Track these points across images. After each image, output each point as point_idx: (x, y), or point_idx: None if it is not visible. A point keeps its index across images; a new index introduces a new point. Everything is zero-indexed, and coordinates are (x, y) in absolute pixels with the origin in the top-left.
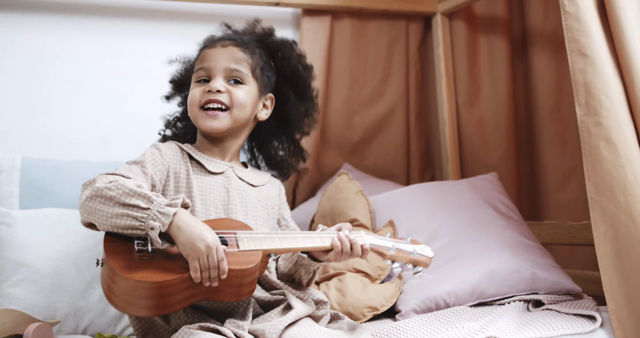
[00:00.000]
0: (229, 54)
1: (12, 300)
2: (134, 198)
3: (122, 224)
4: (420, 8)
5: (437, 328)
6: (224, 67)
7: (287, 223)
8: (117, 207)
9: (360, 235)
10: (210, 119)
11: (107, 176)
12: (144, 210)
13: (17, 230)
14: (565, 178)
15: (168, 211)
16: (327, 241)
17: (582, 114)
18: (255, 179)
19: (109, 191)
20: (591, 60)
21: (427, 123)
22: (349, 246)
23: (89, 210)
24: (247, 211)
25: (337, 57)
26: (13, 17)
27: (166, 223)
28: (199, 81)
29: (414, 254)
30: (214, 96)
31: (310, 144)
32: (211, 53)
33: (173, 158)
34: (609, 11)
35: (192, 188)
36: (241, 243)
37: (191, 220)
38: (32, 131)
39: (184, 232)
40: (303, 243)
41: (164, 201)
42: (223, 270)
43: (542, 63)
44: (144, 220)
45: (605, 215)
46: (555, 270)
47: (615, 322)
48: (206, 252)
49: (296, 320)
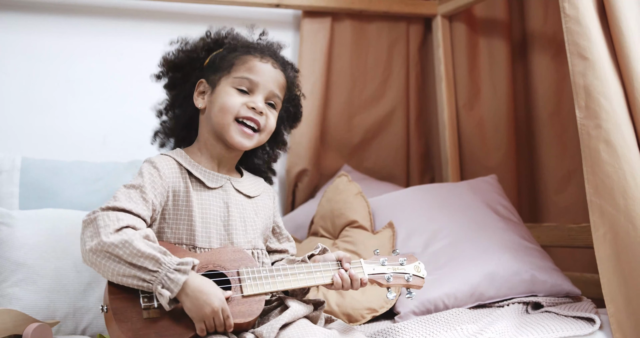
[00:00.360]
0: (277, 76)
1: (11, 300)
2: (142, 259)
3: (130, 283)
4: (421, 10)
5: (436, 330)
6: (269, 88)
7: (280, 231)
8: (124, 266)
9: (359, 265)
10: (244, 136)
11: (109, 215)
12: (152, 273)
13: (17, 230)
14: (565, 181)
15: (178, 280)
16: (328, 279)
17: (582, 117)
18: (252, 190)
19: (116, 248)
20: (591, 63)
21: (427, 125)
22: (349, 283)
23: (94, 263)
24: (246, 226)
25: (338, 59)
26: (13, 18)
27: (175, 292)
28: (239, 89)
29: (408, 278)
30: (256, 116)
31: (310, 146)
32: (263, 68)
33: (172, 177)
34: (609, 14)
35: (192, 206)
36: (244, 288)
37: (198, 285)
38: (32, 131)
39: (190, 298)
40: (305, 282)
41: (173, 264)
42: (229, 326)
43: (542, 66)
44: (152, 283)
45: (605, 218)
46: (555, 273)
47: (614, 324)
48: (212, 316)
49: (293, 320)
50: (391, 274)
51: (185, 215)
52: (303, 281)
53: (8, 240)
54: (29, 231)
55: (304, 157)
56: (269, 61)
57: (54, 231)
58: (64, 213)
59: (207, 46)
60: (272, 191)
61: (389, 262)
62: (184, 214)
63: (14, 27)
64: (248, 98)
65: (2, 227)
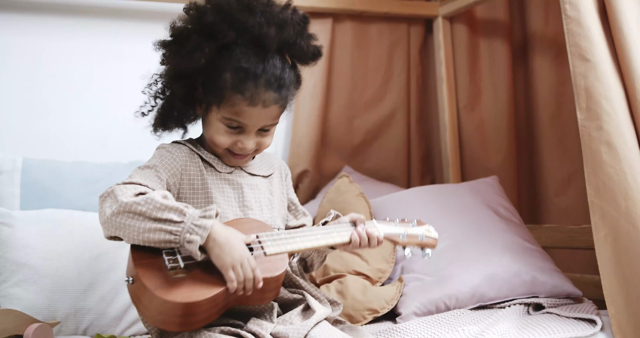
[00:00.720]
0: (269, 113)
1: (12, 300)
2: (166, 212)
3: (156, 238)
4: (422, 11)
5: (437, 331)
6: (261, 125)
7: (296, 208)
8: (149, 222)
9: (373, 225)
10: (239, 159)
11: (126, 186)
12: (178, 223)
13: (18, 231)
14: (566, 182)
15: (205, 224)
16: (346, 236)
17: (583, 119)
18: (264, 169)
19: (138, 206)
20: (592, 64)
21: (428, 126)
22: (366, 240)
23: (118, 226)
24: (262, 206)
25: (338, 60)
26: (13, 19)
27: (204, 236)
28: (228, 126)
29: (422, 237)
30: (246, 152)
31: (311, 147)
32: (251, 112)
33: (184, 160)
34: (610, 16)
35: (209, 189)
36: (266, 248)
37: (224, 231)
38: (33, 132)
39: (218, 243)
40: (324, 240)
41: (196, 213)
42: (257, 278)
43: (542, 67)
44: (179, 234)
45: (606, 219)
46: (556, 274)
47: (615, 326)
48: (240, 261)
49: (317, 322)
50: (405, 233)
51: (202, 195)
52: (322, 239)
53: (9, 240)
54: (30, 231)
55: (305, 158)
56: (259, 101)
57: (55, 231)
58: (64, 213)
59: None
60: (283, 167)
61: (400, 224)
62: (201, 195)
63: (14, 29)
64: (237, 137)
65: (3, 227)
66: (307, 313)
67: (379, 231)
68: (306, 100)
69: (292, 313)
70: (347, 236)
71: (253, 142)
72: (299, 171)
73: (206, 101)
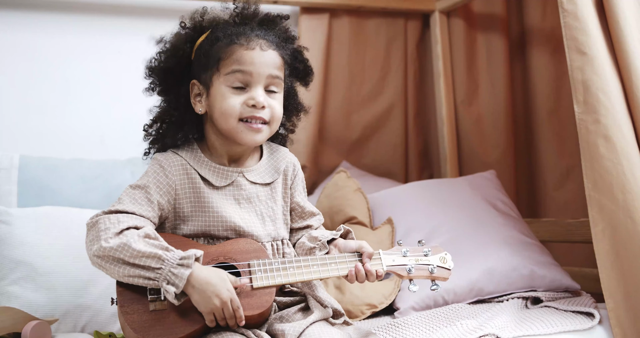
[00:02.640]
0: (271, 58)
1: (10, 298)
2: (144, 258)
3: (136, 282)
4: (419, 6)
5: (435, 326)
6: (265, 74)
7: (302, 209)
8: (128, 267)
9: (378, 257)
10: (254, 133)
11: (110, 217)
12: (156, 270)
13: (16, 228)
14: (564, 176)
15: (182, 274)
16: (344, 271)
17: (580, 112)
18: (268, 175)
19: (116, 253)
20: (589, 58)
21: (426, 121)
22: (364, 277)
23: (100, 266)
24: (263, 219)
25: (336, 55)
26: (11, 16)
27: (181, 286)
28: (235, 87)
29: (433, 269)
30: (259, 113)
31: (309, 142)
32: (252, 56)
33: (179, 174)
34: (608, 9)
35: (205, 203)
36: (254, 280)
37: (204, 277)
38: (30, 129)
39: (197, 290)
40: (318, 274)
41: (175, 259)
42: (240, 318)
43: (540, 61)
44: (157, 280)
45: (604, 213)
46: (554, 268)
47: (613, 319)
48: (221, 307)
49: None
50: (413, 265)
51: (200, 209)
52: (316, 273)
53: (7, 237)
54: (28, 229)
55: (303, 154)
56: (256, 44)
57: (53, 228)
58: (62, 210)
59: (188, 36)
60: (292, 167)
61: (411, 253)
62: (199, 209)
63: (12, 26)
64: (246, 95)
65: (0, 225)
66: (306, 312)
67: (382, 264)
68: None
69: (290, 311)
70: (345, 270)
71: (264, 98)
72: None
73: (205, 81)
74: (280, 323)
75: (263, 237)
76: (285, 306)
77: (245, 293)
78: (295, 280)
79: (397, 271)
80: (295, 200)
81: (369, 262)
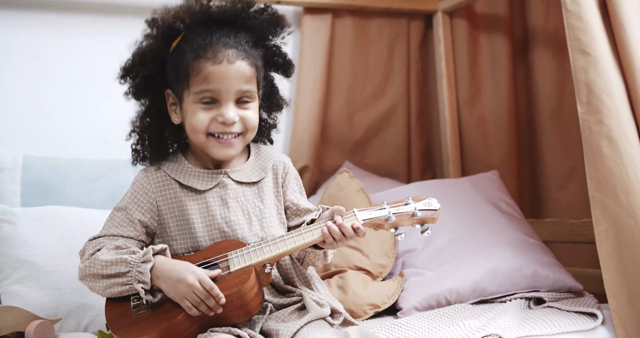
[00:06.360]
0: (239, 72)
1: (13, 297)
2: (113, 266)
3: (116, 291)
4: (422, 6)
5: (438, 326)
6: (235, 90)
7: (297, 207)
8: (103, 280)
9: (352, 214)
10: (226, 147)
11: (92, 243)
12: (126, 274)
13: (19, 228)
14: (567, 177)
15: (144, 269)
16: (317, 233)
17: (583, 113)
18: (255, 174)
19: (90, 269)
20: (593, 58)
21: (428, 122)
22: (339, 232)
23: (87, 286)
24: (250, 218)
25: (339, 56)
26: (16, 17)
27: (148, 281)
28: (203, 102)
29: (416, 213)
30: (229, 128)
31: (311, 143)
32: (218, 72)
33: (158, 190)
34: (611, 10)
35: (189, 215)
36: (232, 265)
37: (169, 267)
38: (34, 130)
39: (163, 280)
40: (293, 243)
41: (139, 258)
42: (217, 296)
43: (543, 62)
44: (131, 282)
45: (607, 213)
46: (557, 268)
47: (616, 319)
48: (190, 290)
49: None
50: (392, 214)
51: (185, 224)
52: (291, 243)
53: (10, 237)
54: (31, 228)
55: (305, 154)
56: (223, 56)
57: (56, 228)
58: (65, 210)
59: (159, 35)
60: (281, 166)
61: (390, 205)
62: (184, 224)
63: (16, 26)
64: (215, 111)
65: (4, 225)
66: (302, 312)
67: (356, 218)
68: (306, 96)
69: (286, 311)
70: (318, 232)
71: (234, 113)
72: (299, 166)
73: (178, 93)
74: (275, 323)
75: (249, 238)
76: (281, 307)
77: (224, 278)
78: (272, 255)
79: (375, 222)
80: (288, 198)
81: (340, 218)
